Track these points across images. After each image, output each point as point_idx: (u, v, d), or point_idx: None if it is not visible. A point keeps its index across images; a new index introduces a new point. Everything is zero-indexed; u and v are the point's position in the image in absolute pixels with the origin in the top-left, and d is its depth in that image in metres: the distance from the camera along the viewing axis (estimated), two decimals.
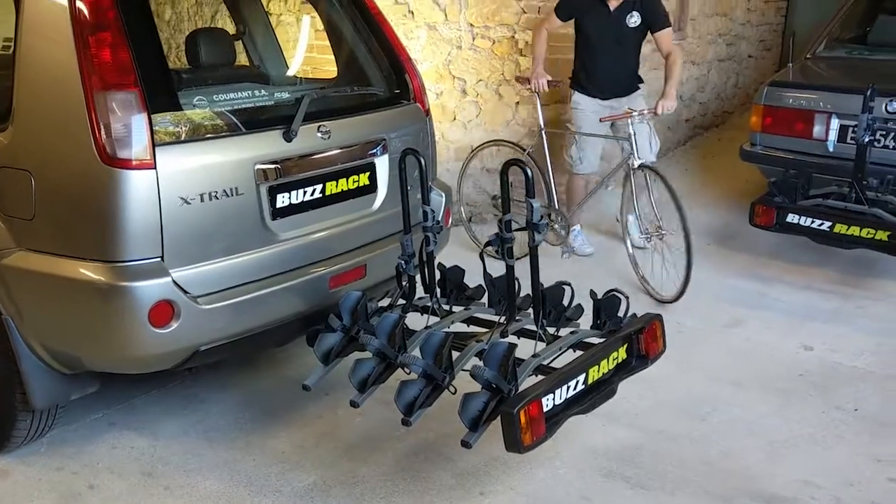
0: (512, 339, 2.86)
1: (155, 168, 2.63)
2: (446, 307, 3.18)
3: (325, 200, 3.16)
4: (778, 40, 8.43)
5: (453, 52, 5.69)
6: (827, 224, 4.42)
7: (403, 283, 3.18)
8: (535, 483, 2.96)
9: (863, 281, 4.77)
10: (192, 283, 2.74)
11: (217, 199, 2.79)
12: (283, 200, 3.00)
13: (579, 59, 4.94)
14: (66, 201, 2.67)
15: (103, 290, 2.62)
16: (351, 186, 3.26)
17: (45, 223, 2.70)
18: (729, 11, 7.32)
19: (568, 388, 2.61)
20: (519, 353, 2.65)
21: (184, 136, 2.75)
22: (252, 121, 3.00)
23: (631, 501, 2.88)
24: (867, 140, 4.50)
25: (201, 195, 2.74)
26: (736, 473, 3.02)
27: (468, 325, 3.16)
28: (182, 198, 2.70)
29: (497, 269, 3.00)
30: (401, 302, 3.20)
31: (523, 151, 5.05)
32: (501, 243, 2.80)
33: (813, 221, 4.46)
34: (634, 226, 4.80)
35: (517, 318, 3.01)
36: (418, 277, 3.19)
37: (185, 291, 2.71)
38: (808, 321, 4.29)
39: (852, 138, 4.71)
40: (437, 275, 3.20)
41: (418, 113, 3.63)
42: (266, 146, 2.96)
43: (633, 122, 4.58)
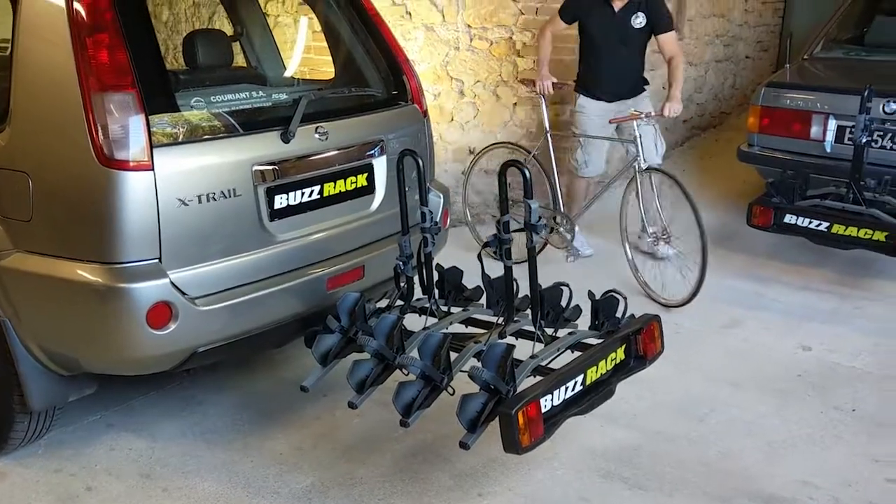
0: (510, 339, 2.86)
1: (152, 169, 2.62)
2: (444, 308, 3.19)
3: (323, 202, 3.16)
4: (775, 41, 8.43)
5: (451, 53, 5.68)
6: (824, 224, 4.41)
7: (402, 284, 3.18)
8: (534, 484, 2.96)
9: (860, 281, 4.78)
10: (189, 284, 2.74)
11: (215, 200, 2.78)
12: (280, 202, 3.00)
13: (584, 61, 4.91)
14: (63, 203, 2.66)
15: (101, 291, 2.62)
16: (349, 187, 3.26)
17: (42, 225, 2.70)
18: (726, 12, 7.32)
19: (566, 388, 2.60)
20: (517, 354, 2.65)
21: (181, 137, 2.75)
22: (250, 122, 3.00)
23: (629, 502, 2.88)
24: (864, 141, 4.51)
25: (199, 196, 2.74)
26: (734, 474, 3.03)
27: (466, 326, 3.16)
28: (180, 199, 2.69)
29: (496, 269, 3.00)
30: (399, 303, 3.19)
31: (528, 154, 5.03)
32: (499, 244, 2.80)
33: (810, 222, 4.45)
34: (640, 231, 4.76)
35: (515, 318, 3.00)
36: (416, 278, 3.19)
37: (183, 293, 2.71)
38: (805, 322, 4.29)
39: (850, 139, 4.71)
40: (436, 276, 3.20)
41: (416, 114, 3.62)
42: (264, 147, 2.96)
43: (638, 124, 4.52)
